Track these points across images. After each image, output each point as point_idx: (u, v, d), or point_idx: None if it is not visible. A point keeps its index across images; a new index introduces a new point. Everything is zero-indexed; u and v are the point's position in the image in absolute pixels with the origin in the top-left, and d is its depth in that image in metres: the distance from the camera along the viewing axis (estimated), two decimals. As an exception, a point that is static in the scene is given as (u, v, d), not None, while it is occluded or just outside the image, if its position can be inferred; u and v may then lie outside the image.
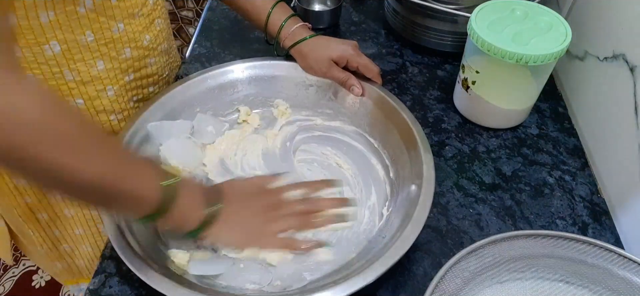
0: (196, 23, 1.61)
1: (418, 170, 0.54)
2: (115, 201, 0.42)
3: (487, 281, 0.47)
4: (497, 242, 0.47)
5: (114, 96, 0.62)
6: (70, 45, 0.54)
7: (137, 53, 0.62)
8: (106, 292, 0.50)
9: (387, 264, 0.45)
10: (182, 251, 0.51)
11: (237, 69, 0.69)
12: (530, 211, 0.59)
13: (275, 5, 0.67)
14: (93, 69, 0.58)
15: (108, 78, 0.60)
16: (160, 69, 0.69)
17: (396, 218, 0.53)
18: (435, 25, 0.77)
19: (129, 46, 0.61)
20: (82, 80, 0.58)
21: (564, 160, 0.65)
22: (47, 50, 0.53)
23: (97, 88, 0.60)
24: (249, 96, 0.69)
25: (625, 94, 0.59)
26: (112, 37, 0.58)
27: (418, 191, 0.52)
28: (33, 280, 1.42)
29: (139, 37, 0.62)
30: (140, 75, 0.65)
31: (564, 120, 0.71)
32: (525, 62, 0.58)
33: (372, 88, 0.66)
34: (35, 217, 0.69)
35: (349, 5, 0.95)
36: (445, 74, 0.79)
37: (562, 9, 0.78)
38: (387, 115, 0.63)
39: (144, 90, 0.68)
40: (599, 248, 0.47)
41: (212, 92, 0.67)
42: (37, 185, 0.61)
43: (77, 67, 0.56)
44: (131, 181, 0.42)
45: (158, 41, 0.66)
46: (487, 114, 0.68)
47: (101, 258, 0.52)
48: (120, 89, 0.63)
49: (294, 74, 0.69)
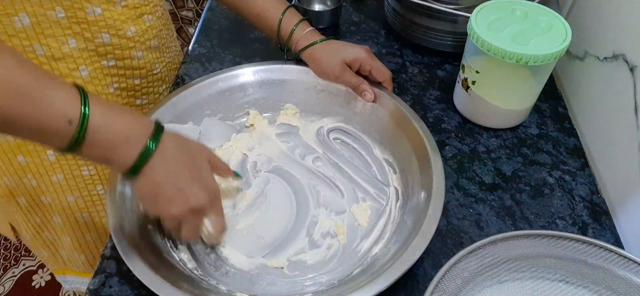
0: (196, 23, 1.62)
1: (428, 181, 0.53)
2: (20, 123, 0.38)
3: (487, 281, 0.47)
4: (497, 242, 0.47)
5: (88, 77, 0.62)
6: (40, 19, 0.54)
7: (118, 41, 0.63)
8: (106, 292, 0.50)
9: (394, 276, 0.44)
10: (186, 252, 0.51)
11: (247, 72, 0.68)
12: (530, 211, 0.59)
13: (286, 10, 0.67)
14: (64, 46, 0.58)
15: (81, 58, 0.60)
16: (149, 64, 0.69)
17: (403, 228, 0.52)
18: (435, 25, 0.77)
19: (108, 32, 0.61)
20: (53, 56, 0.58)
21: (564, 160, 0.65)
22: (17, 22, 0.53)
23: (70, 66, 0.60)
24: (259, 100, 0.69)
25: (625, 94, 0.59)
26: (86, 19, 0.58)
27: (427, 202, 0.51)
28: (33, 280, 1.42)
29: (121, 26, 0.62)
30: (124, 65, 0.66)
31: (564, 120, 0.71)
32: (525, 62, 0.58)
33: (384, 95, 0.65)
34: (15, 200, 0.69)
35: (349, 5, 0.95)
36: (445, 74, 0.79)
37: (562, 9, 0.78)
38: (398, 123, 0.62)
39: (128, 80, 0.68)
40: (599, 248, 0.47)
41: (222, 95, 0.67)
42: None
43: (48, 42, 0.57)
44: (38, 99, 0.37)
45: (146, 36, 0.67)
46: (487, 114, 0.68)
47: (101, 258, 0.52)
48: (96, 71, 0.63)
49: (304, 78, 0.69)
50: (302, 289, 0.50)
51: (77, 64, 0.60)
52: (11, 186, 0.67)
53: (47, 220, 0.74)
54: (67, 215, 0.73)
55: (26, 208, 0.71)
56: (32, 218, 0.73)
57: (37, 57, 0.57)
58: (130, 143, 0.43)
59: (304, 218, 0.57)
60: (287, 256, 0.53)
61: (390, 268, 0.45)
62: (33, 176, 0.66)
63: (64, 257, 0.81)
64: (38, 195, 0.69)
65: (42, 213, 0.72)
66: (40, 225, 0.74)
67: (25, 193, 0.68)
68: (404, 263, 0.45)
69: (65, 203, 0.71)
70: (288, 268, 0.52)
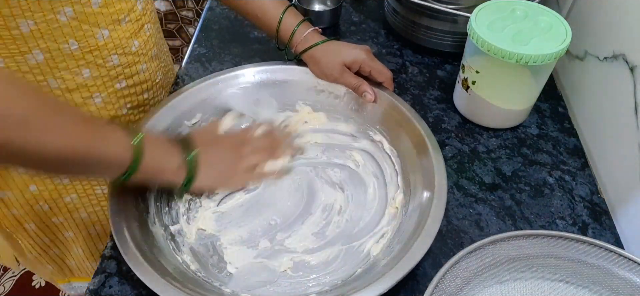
0: (196, 23, 1.62)
1: (430, 181, 0.53)
2: (89, 167, 0.46)
3: (487, 281, 0.47)
4: (497, 242, 0.47)
5: (102, 103, 0.62)
6: (54, 54, 0.54)
7: (125, 59, 0.62)
8: (106, 292, 0.50)
9: (397, 276, 0.44)
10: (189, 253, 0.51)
11: (247, 73, 0.68)
12: (530, 211, 0.59)
13: (286, 10, 0.66)
14: (78, 76, 0.57)
15: (95, 86, 0.60)
16: (152, 74, 0.68)
17: (406, 228, 0.52)
18: (435, 25, 0.77)
19: (116, 53, 0.60)
20: (68, 88, 0.57)
21: (564, 160, 0.65)
22: (30, 59, 0.53)
23: (83, 95, 0.59)
24: (261, 100, 0.68)
25: (625, 94, 0.59)
26: (97, 45, 0.57)
27: (430, 202, 0.51)
28: (33, 280, 1.42)
29: (126, 43, 0.61)
30: (133, 82, 0.65)
31: (564, 120, 0.71)
32: (525, 62, 0.58)
33: (385, 96, 0.65)
34: (22, 227, 0.68)
35: (349, 5, 0.95)
36: (445, 74, 0.79)
37: (562, 9, 0.78)
38: (399, 123, 0.62)
39: (138, 96, 0.67)
40: (599, 248, 0.47)
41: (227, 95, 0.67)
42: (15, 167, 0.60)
43: (62, 75, 0.56)
44: (100, 145, 0.45)
45: (148, 46, 0.66)
46: (487, 114, 0.68)
47: (101, 258, 0.52)
48: (110, 96, 0.62)
49: (305, 78, 0.68)
50: (306, 290, 0.50)
51: (91, 92, 0.60)
52: (19, 215, 0.66)
53: (56, 238, 0.73)
54: (80, 229, 0.73)
55: (35, 232, 0.70)
56: (39, 240, 0.72)
57: (52, 90, 0.56)
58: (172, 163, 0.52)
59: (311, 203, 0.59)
60: (291, 257, 0.53)
61: (393, 269, 0.45)
62: (45, 202, 0.66)
63: (71, 267, 0.80)
64: (49, 217, 0.68)
65: (52, 233, 0.71)
66: (48, 244, 0.73)
67: (35, 218, 0.67)
68: (407, 263, 0.45)
69: (79, 219, 0.71)
70: (292, 269, 0.52)
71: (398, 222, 0.55)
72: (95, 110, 0.62)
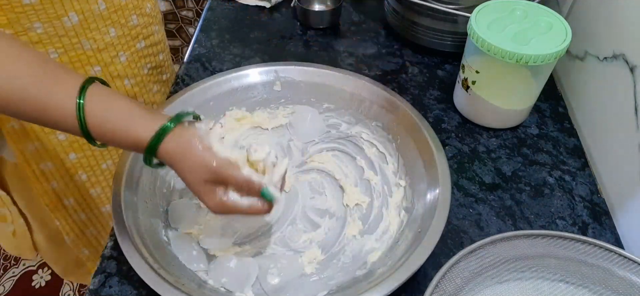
0: (196, 23, 1.61)
1: (433, 183, 0.53)
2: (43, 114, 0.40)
3: (487, 281, 0.47)
4: (497, 242, 0.47)
5: (126, 62, 0.68)
6: (87, 15, 0.59)
7: (143, 20, 0.69)
8: (106, 292, 0.50)
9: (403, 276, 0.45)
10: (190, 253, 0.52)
11: (252, 73, 0.67)
12: (530, 211, 0.59)
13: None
14: (106, 36, 0.63)
15: (120, 45, 0.66)
16: (163, 37, 0.75)
17: (409, 230, 0.52)
18: (435, 25, 0.77)
19: (135, 13, 0.67)
20: (98, 48, 0.63)
21: (564, 160, 0.65)
22: (67, 21, 0.57)
23: (111, 54, 0.65)
24: (269, 100, 0.68)
25: (625, 94, 0.59)
26: (120, 5, 0.63)
27: (433, 204, 0.51)
28: (33, 280, 1.42)
29: (141, 4, 0.68)
30: (150, 42, 0.71)
31: (564, 120, 0.71)
32: (525, 62, 0.58)
33: (385, 95, 0.64)
34: (62, 203, 0.70)
35: (349, 5, 0.95)
36: (445, 74, 0.79)
37: (562, 9, 0.78)
38: (405, 128, 0.62)
39: (155, 57, 0.74)
40: (599, 248, 0.47)
41: (235, 93, 0.67)
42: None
43: (93, 35, 0.61)
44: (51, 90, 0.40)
45: (156, 10, 0.73)
46: (487, 114, 0.68)
47: (101, 258, 0.52)
48: (132, 56, 0.68)
49: (317, 79, 0.68)
50: (310, 291, 0.50)
51: (117, 51, 0.65)
52: (59, 189, 0.68)
53: (93, 215, 0.76)
54: None
55: (73, 208, 0.73)
56: (77, 217, 0.74)
57: (85, 51, 0.61)
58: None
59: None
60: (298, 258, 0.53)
61: (397, 271, 0.45)
62: (83, 170, 0.69)
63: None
64: (87, 189, 0.72)
65: (90, 208, 0.75)
66: (85, 222, 0.76)
67: (75, 191, 0.71)
68: (411, 265, 0.45)
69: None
70: (306, 269, 0.52)
71: (402, 224, 0.55)
72: (121, 68, 0.67)
